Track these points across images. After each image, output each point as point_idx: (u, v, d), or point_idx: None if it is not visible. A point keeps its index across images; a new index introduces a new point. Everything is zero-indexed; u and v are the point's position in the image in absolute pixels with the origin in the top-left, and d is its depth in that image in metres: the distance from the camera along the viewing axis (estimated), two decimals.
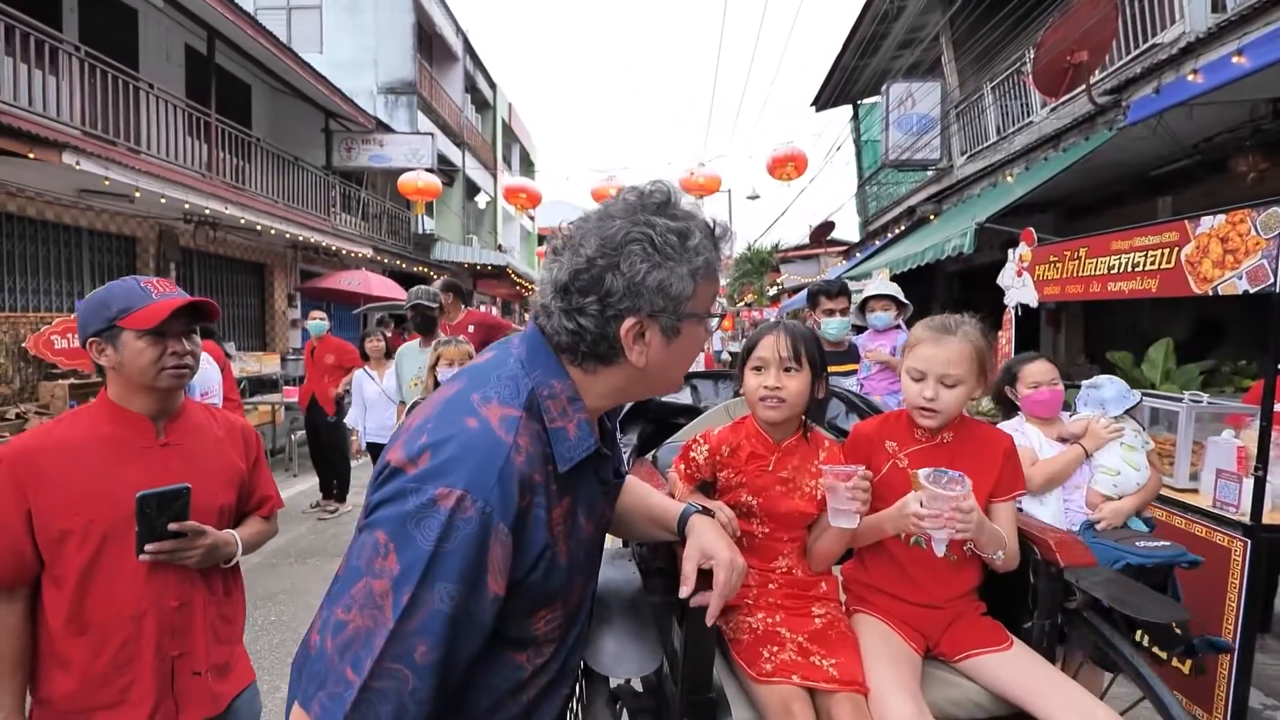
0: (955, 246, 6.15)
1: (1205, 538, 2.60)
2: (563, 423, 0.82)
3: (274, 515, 1.61)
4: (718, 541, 1.02)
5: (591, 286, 0.80)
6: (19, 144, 5.58)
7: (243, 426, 1.57)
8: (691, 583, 0.99)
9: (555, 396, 0.82)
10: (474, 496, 0.71)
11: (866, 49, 10.98)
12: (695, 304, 0.83)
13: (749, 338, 1.44)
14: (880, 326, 3.19)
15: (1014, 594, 1.35)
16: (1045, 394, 2.23)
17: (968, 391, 1.32)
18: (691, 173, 11.10)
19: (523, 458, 0.76)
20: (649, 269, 0.79)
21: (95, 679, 1.27)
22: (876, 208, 13.14)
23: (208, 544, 1.32)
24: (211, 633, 1.39)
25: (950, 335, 1.33)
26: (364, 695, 0.67)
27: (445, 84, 17.83)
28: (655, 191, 0.83)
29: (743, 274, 21.45)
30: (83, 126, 7.09)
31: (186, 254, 9.62)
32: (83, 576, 1.26)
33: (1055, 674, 1.19)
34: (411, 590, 0.68)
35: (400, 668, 0.68)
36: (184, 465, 1.36)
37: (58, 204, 7.52)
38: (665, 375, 0.88)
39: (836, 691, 1.15)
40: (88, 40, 7.65)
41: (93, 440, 1.31)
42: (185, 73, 9.93)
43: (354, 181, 13.96)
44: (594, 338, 0.81)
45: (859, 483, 1.19)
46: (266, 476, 1.59)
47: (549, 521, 0.79)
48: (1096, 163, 6.18)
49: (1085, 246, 3.34)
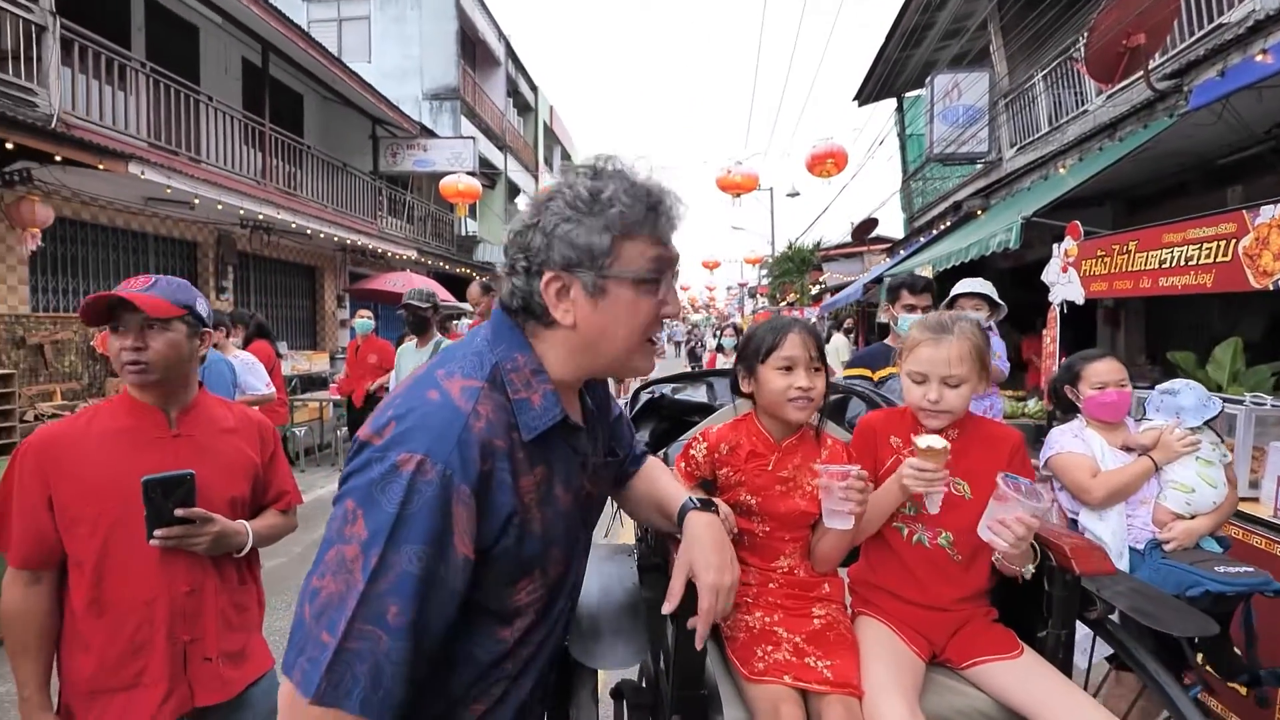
0: (1000, 242, 5.91)
1: (1266, 550, 2.43)
2: (526, 394, 0.84)
3: (292, 510, 1.63)
4: (708, 554, 0.97)
5: (521, 245, 0.86)
6: (89, 155, 5.96)
7: (259, 421, 1.59)
8: (676, 599, 0.97)
9: (519, 370, 0.85)
10: (434, 460, 0.74)
11: (910, 40, 10.66)
12: (620, 263, 0.84)
13: (758, 335, 1.37)
14: None
15: (1028, 601, 1.29)
16: (1112, 396, 2.03)
17: (971, 390, 1.28)
18: (729, 170, 11.01)
19: (482, 424, 0.78)
20: (558, 221, 0.83)
21: (113, 661, 1.31)
22: (921, 203, 12.75)
23: (216, 531, 1.34)
24: (223, 620, 1.41)
25: (948, 334, 1.30)
26: (339, 656, 0.69)
27: (488, 88, 18.18)
28: (597, 160, 0.87)
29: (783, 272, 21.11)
30: (148, 138, 7.53)
31: (243, 257, 10.10)
32: (98, 561, 1.31)
33: (1067, 685, 1.13)
34: (379, 552, 0.71)
35: (373, 629, 0.70)
36: (195, 456, 1.40)
37: (126, 211, 8.01)
38: (607, 340, 0.86)
39: (829, 693, 1.13)
40: (153, 57, 8.13)
41: (109, 431, 1.36)
42: (242, 85, 10.43)
43: (399, 185, 14.39)
44: (524, 294, 0.86)
45: (853, 483, 1.16)
46: (284, 471, 1.61)
47: (516, 488, 0.81)
48: (1157, 152, 5.84)
49: (1135, 240, 3.17)
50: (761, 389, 1.34)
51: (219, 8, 8.77)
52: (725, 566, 0.98)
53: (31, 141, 5.53)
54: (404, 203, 14.23)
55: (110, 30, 7.43)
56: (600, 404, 1.08)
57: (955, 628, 1.26)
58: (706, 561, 0.97)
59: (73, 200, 7.22)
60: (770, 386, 1.31)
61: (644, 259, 0.85)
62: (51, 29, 6.27)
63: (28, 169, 6.26)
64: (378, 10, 15.45)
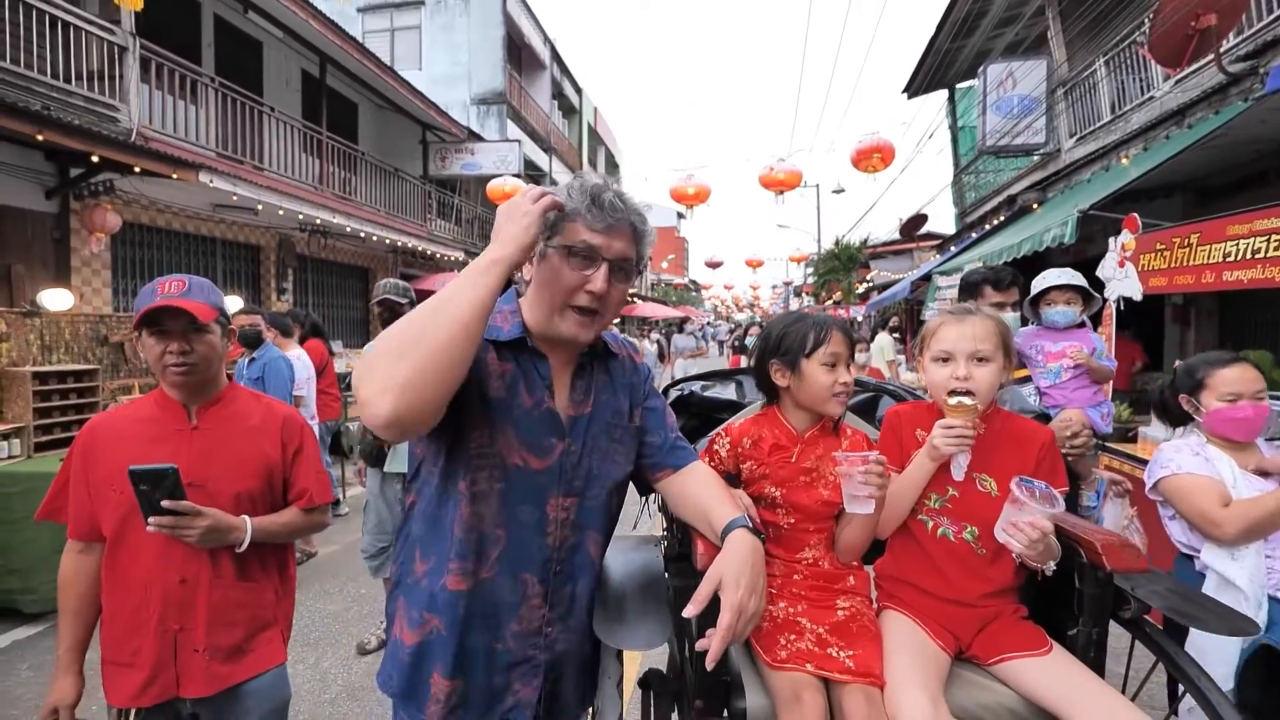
0: (1055, 237, 5.68)
1: None
2: (500, 322, 1.13)
3: (317, 509, 1.61)
4: (743, 573, 0.99)
5: None
6: (164, 166, 6.38)
7: (285, 417, 1.59)
8: (701, 604, 0.98)
9: (501, 311, 1.14)
10: None
11: (963, 29, 10.32)
12: (558, 237, 1.07)
13: (797, 329, 1.38)
14: (1061, 324, 2.44)
15: (1059, 599, 1.27)
16: (1247, 410, 1.73)
17: (999, 370, 1.27)
18: (771, 168, 10.90)
19: None
20: None
21: (119, 635, 1.39)
22: (974, 198, 12.32)
23: (206, 525, 1.35)
24: (215, 614, 1.42)
25: (971, 314, 1.31)
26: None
27: (533, 92, 18.50)
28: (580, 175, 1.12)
29: (829, 270, 20.71)
30: (217, 149, 8.00)
31: (302, 260, 10.59)
32: (115, 540, 1.40)
33: (1096, 682, 1.11)
34: None
35: None
36: (207, 449, 1.44)
37: (197, 218, 8.52)
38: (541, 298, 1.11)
39: (850, 682, 1.14)
40: (221, 72, 8.63)
41: (138, 421, 1.45)
42: (301, 96, 10.94)
43: (448, 189, 14.80)
44: None
45: (873, 467, 1.17)
46: (309, 470, 1.59)
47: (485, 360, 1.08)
48: (1231, 139, 5.50)
49: (1197, 232, 3.01)
50: (804, 383, 1.35)
51: (281, 23, 9.23)
52: (755, 590, 0.99)
53: (114, 154, 5.96)
54: (452, 205, 14.63)
55: (183, 48, 7.92)
56: (621, 381, 1.23)
57: (982, 624, 1.25)
58: (738, 580, 0.98)
59: (149, 208, 7.73)
60: (816, 381, 1.33)
61: (575, 237, 1.06)
62: (131, 49, 6.73)
63: (110, 180, 6.74)
64: (428, 19, 15.93)
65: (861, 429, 1.51)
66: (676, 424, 1.29)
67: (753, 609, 0.98)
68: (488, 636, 1.08)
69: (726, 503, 1.13)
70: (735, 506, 1.13)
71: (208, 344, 1.44)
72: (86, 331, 6.24)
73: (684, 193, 12.12)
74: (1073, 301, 2.42)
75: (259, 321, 4.20)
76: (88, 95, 6.33)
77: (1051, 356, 2.45)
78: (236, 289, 9.18)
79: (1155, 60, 6.04)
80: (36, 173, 6.47)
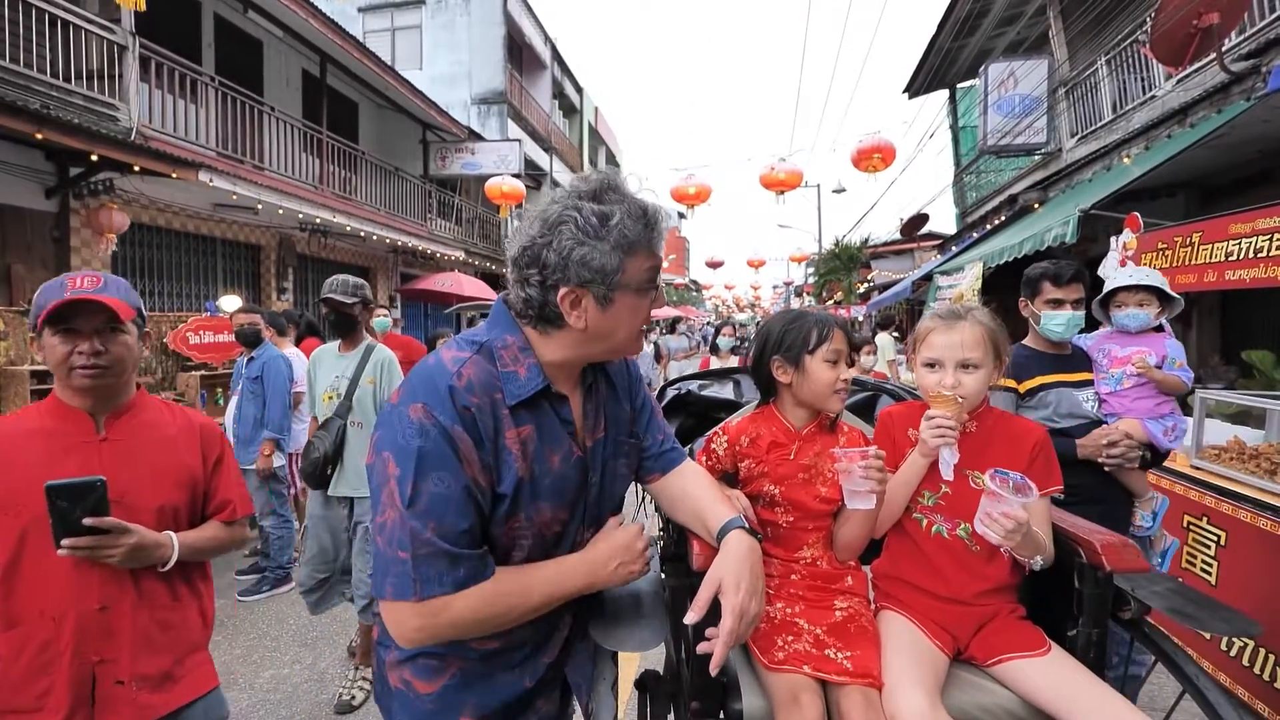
0: (1056, 236, 5.67)
1: None
2: (514, 367, 0.98)
3: (240, 522, 1.50)
4: (742, 575, 0.98)
5: (533, 261, 0.96)
6: (164, 165, 6.38)
7: (201, 425, 1.47)
8: (701, 610, 0.97)
9: (508, 347, 1.00)
10: (431, 407, 0.91)
11: (964, 28, 10.31)
12: (625, 276, 0.96)
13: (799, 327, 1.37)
14: (1133, 327, 2.20)
15: (1059, 599, 1.26)
16: None
17: (987, 376, 1.26)
18: (772, 168, 10.88)
19: (464, 382, 0.93)
20: (574, 245, 0.93)
21: (17, 679, 1.22)
22: (975, 198, 12.31)
23: (132, 543, 1.23)
24: (142, 639, 1.29)
25: (961, 320, 1.30)
26: (417, 562, 0.89)
27: (534, 92, 18.49)
28: (592, 179, 0.98)
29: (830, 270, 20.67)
30: (217, 148, 7.99)
31: (302, 259, 10.59)
32: (8, 570, 1.22)
33: (1097, 683, 1.10)
34: (411, 482, 0.89)
35: (430, 537, 0.89)
36: (121, 462, 1.31)
37: (197, 217, 8.51)
38: (611, 336, 1.00)
39: (848, 684, 1.13)
40: (221, 71, 8.62)
41: (31, 433, 1.28)
42: (301, 95, 10.93)
43: (448, 188, 14.80)
44: (539, 304, 0.97)
45: (872, 461, 1.16)
46: (230, 480, 1.49)
47: (497, 441, 0.95)
48: (1234, 139, 5.49)
49: (1199, 231, 3.00)
50: (806, 379, 1.35)
51: (281, 23, 9.23)
52: (755, 592, 0.98)
53: (113, 153, 5.95)
54: (452, 205, 14.62)
55: (183, 48, 7.91)
56: (620, 385, 1.15)
57: (979, 623, 1.24)
58: (737, 582, 0.97)
59: (149, 208, 7.73)
60: (819, 377, 1.33)
61: (643, 271, 0.98)
62: (131, 49, 6.73)
63: (110, 179, 6.74)
64: (429, 19, 15.93)
65: (858, 427, 1.51)
66: (667, 425, 1.28)
67: (754, 611, 0.97)
68: (519, 673, 1.05)
69: (721, 503, 1.12)
70: (730, 507, 1.12)
71: (124, 345, 1.32)
72: None
73: (684, 192, 12.10)
74: (1146, 303, 2.20)
75: (258, 320, 4.18)
76: (87, 94, 6.33)
77: (1116, 362, 2.24)
78: (237, 288, 9.18)
79: (1157, 59, 6.03)
80: (36, 172, 6.47)
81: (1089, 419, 2.08)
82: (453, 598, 0.90)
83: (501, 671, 1.04)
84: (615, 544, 1.04)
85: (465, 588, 0.90)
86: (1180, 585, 1.18)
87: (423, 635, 0.91)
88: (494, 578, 0.94)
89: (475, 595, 0.91)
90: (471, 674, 1.02)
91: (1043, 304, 2.21)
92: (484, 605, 0.92)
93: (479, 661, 1.02)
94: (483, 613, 0.92)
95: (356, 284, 2.84)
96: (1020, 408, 2.07)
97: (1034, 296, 2.25)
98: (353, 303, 2.78)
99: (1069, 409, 2.07)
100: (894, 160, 9.38)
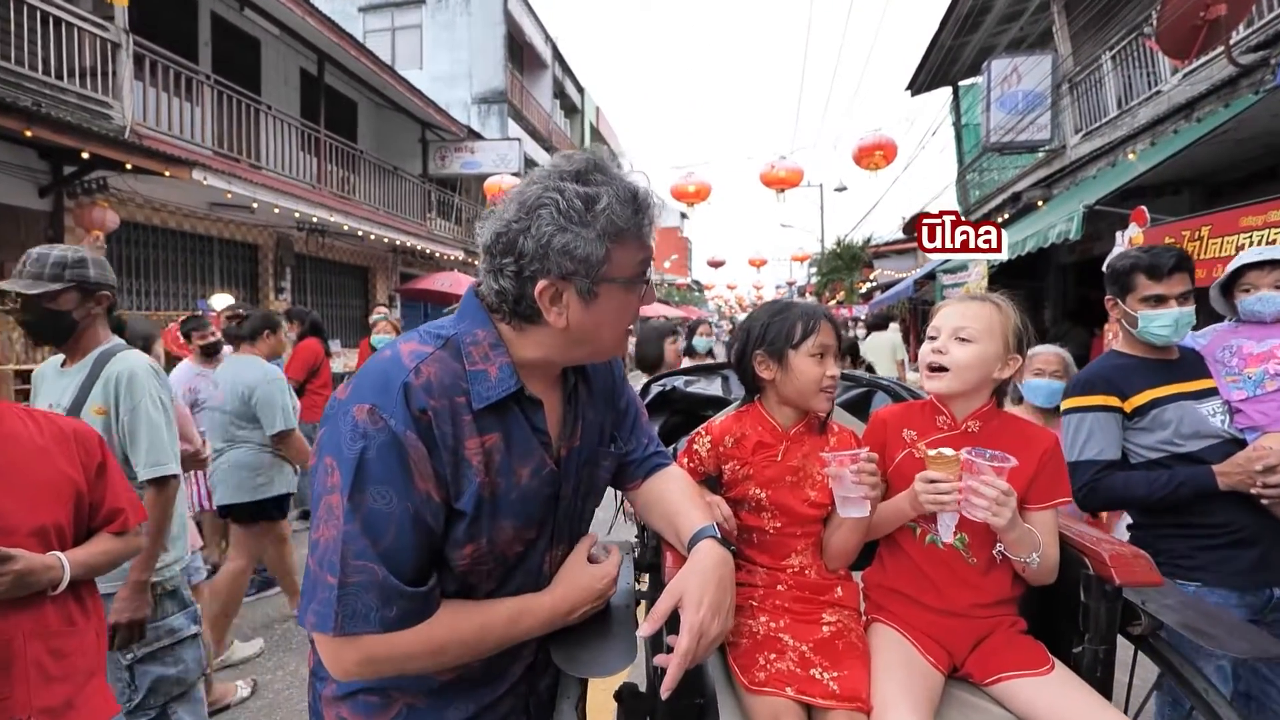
0: (1060, 233, 5.57)
1: None
2: (484, 365, 0.87)
3: (132, 531, 1.38)
4: (706, 590, 0.89)
5: (508, 248, 0.84)
6: (156, 163, 6.33)
7: (75, 430, 1.34)
8: (656, 624, 0.89)
9: (478, 343, 0.88)
10: (381, 410, 0.79)
11: (966, 25, 10.21)
12: (612, 268, 0.85)
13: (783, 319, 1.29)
14: (1268, 315, 1.79)
15: (1063, 613, 1.17)
16: None
17: (983, 354, 1.17)
18: (773, 165, 10.80)
19: (421, 381, 0.82)
20: (554, 232, 0.81)
21: None
22: (978, 196, 12.19)
23: (16, 571, 1.14)
24: (38, 672, 1.20)
25: (974, 300, 1.23)
26: (344, 592, 0.77)
27: (535, 91, 18.43)
28: (576, 157, 0.86)
29: (832, 270, 20.58)
30: (213, 146, 7.94)
31: (300, 259, 10.54)
32: None
33: (1104, 706, 1.01)
34: (348, 494, 0.77)
35: (364, 563, 0.77)
36: None
37: (194, 216, 8.47)
38: (594, 337, 0.89)
39: (834, 709, 1.04)
40: (218, 70, 8.58)
41: None
42: (300, 94, 10.88)
43: (448, 188, 14.75)
44: (515, 297, 0.85)
45: (864, 465, 1.08)
46: (117, 486, 1.37)
47: (458, 449, 0.83)
48: (1241, 134, 5.39)
49: (1208, 224, 2.91)
50: (790, 376, 1.26)
51: (279, 21, 9.18)
52: (719, 610, 0.89)
53: (104, 150, 5.90)
54: (452, 204, 14.57)
55: (179, 45, 7.86)
56: (602, 389, 1.05)
57: (977, 638, 1.16)
58: (700, 597, 0.88)
59: (144, 206, 7.68)
60: (804, 373, 1.24)
61: (633, 262, 0.87)
62: (125, 46, 6.68)
63: (104, 178, 6.69)
64: (429, 18, 15.89)
65: (850, 426, 1.42)
66: (653, 428, 1.19)
67: (715, 631, 0.88)
68: (472, 704, 0.94)
69: (696, 509, 1.03)
70: (705, 513, 1.03)
71: None
72: None
73: (684, 190, 12.03)
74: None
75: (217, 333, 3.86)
76: (80, 92, 6.28)
77: (1253, 359, 1.79)
78: (234, 288, 9.13)
79: (1163, 52, 5.93)
80: (30, 170, 6.42)
81: (1222, 437, 1.67)
82: (394, 637, 0.79)
83: (455, 709, 0.93)
84: (585, 589, 0.94)
85: (395, 630, 0.79)
86: (1194, 599, 1.09)
87: (362, 671, 0.81)
88: (444, 618, 0.83)
89: (423, 635, 0.81)
90: (420, 712, 0.91)
91: (1138, 302, 1.78)
92: (434, 647, 0.82)
93: (428, 696, 0.91)
94: (434, 657, 0.83)
95: (64, 260, 1.70)
96: (1129, 430, 1.71)
97: (1125, 294, 1.81)
98: (51, 292, 1.67)
99: (1194, 427, 1.66)
100: (895, 157, 9.30)
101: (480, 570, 0.88)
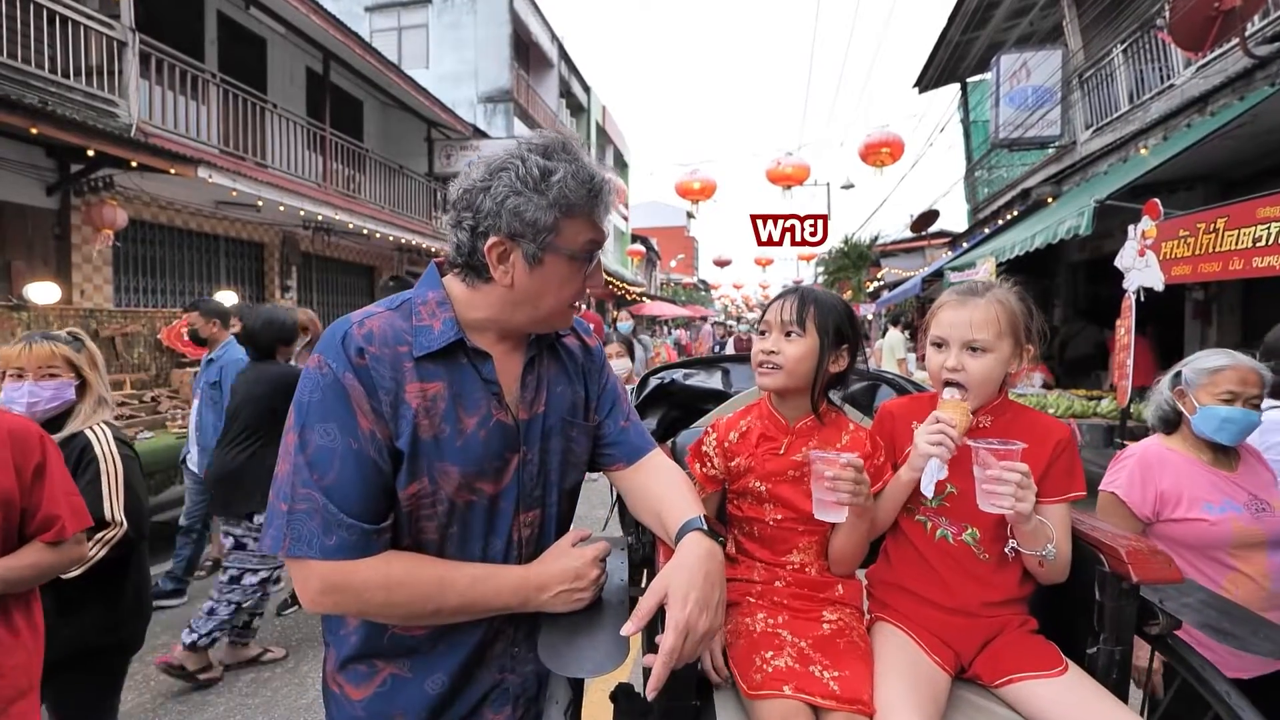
0: (1070, 229, 5.48)
1: None
2: (429, 321, 0.95)
3: (71, 541, 1.26)
4: (693, 586, 0.86)
5: (469, 205, 0.93)
6: (161, 161, 6.33)
7: (11, 430, 1.21)
8: (641, 621, 0.86)
9: (426, 302, 0.97)
10: (326, 358, 0.89)
11: (974, 20, 10.10)
12: (559, 239, 0.92)
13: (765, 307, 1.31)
14: None
15: (1077, 612, 1.12)
16: None
17: (999, 361, 1.12)
18: (778, 162, 10.73)
19: (363, 331, 0.90)
20: (509, 194, 0.90)
21: None
22: (987, 193, 12.07)
23: None
24: None
25: (976, 297, 1.16)
26: (291, 517, 0.85)
27: (541, 90, 18.42)
28: (548, 134, 0.95)
29: (839, 269, 20.42)
30: (219, 145, 7.96)
31: (306, 258, 10.55)
32: None
33: (1120, 709, 0.96)
34: (299, 431, 0.86)
35: (308, 491, 0.85)
36: None
37: (200, 214, 8.49)
38: (537, 302, 0.96)
39: (835, 710, 0.99)
40: (224, 68, 8.60)
41: None
42: (305, 93, 10.90)
43: None
44: (468, 251, 0.94)
45: (839, 472, 1.03)
46: (56, 492, 1.25)
47: (396, 388, 0.89)
48: (1257, 127, 5.28)
49: (1224, 216, 2.84)
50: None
51: (284, 20, 9.19)
52: (707, 605, 0.86)
53: (110, 148, 5.91)
54: None
55: (185, 44, 7.88)
56: (574, 366, 1.10)
57: (986, 638, 1.11)
58: (686, 593, 0.85)
59: (151, 205, 7.70)
60: (752, 353, 1.27)
61: (580, 239, 0.94)
62: (131, 45, 6.70)
63: (110, 176, 6.70)
64: (435, 18, 15.91)
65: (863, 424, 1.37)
66: (632, 408, 1.17)
67: (703, 627, 0.85)
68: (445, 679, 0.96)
69: (685, 501, 1.00)
70: (694, 505, 0.99)
71: None
72: (76, 326, 6.20)
73: (689, 187, 11.97)
74: None
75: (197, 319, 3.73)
76: (87, 90, 6.30)
77: None
78: (240, 286, 9.16)
79: (1176, 44, 5.83)
80: (37, 169, 6.45)
81: None
82: (356, 564, 0.85)
83: (432, 681, 0.95)
84: (563, 568, 0.95)
85: (334, 559, 0.84)
86: (1216, 598, 1.04)
87: (325, 599, 0.86)
88: (405, 560, 0.89)
89: (380, 570, 0.86)
90: (403, 680, 0.95)
91: None
92: (389, 583, 0.87)
93: (411, 669, 0.95)
94: (393, 594, 0.87)
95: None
96: None
97: None
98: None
99: None
100: (902, 155, 9.22)
101: (426, 512, 0.91)
